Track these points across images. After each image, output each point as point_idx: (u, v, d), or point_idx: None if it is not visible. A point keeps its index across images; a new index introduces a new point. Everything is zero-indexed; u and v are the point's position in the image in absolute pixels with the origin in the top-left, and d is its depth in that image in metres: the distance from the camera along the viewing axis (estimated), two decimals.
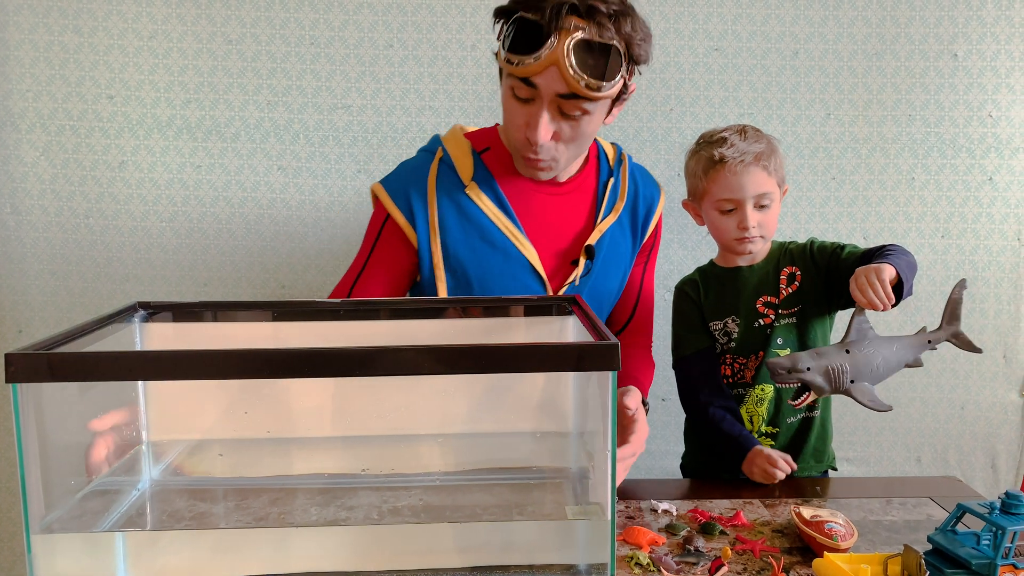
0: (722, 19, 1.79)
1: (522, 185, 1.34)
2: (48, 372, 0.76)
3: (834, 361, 1.21)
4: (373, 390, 1.06)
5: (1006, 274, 1.86)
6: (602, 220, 1.36)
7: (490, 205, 1.32)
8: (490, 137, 1.37)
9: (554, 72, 1.15)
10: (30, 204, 1.80)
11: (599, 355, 0.79)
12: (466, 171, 1.33)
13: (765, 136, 1.42)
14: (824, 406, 1.47)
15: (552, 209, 1.35)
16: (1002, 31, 1.78)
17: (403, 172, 1.36)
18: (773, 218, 1.42)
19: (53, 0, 1.74)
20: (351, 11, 1.77)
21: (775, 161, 1.39)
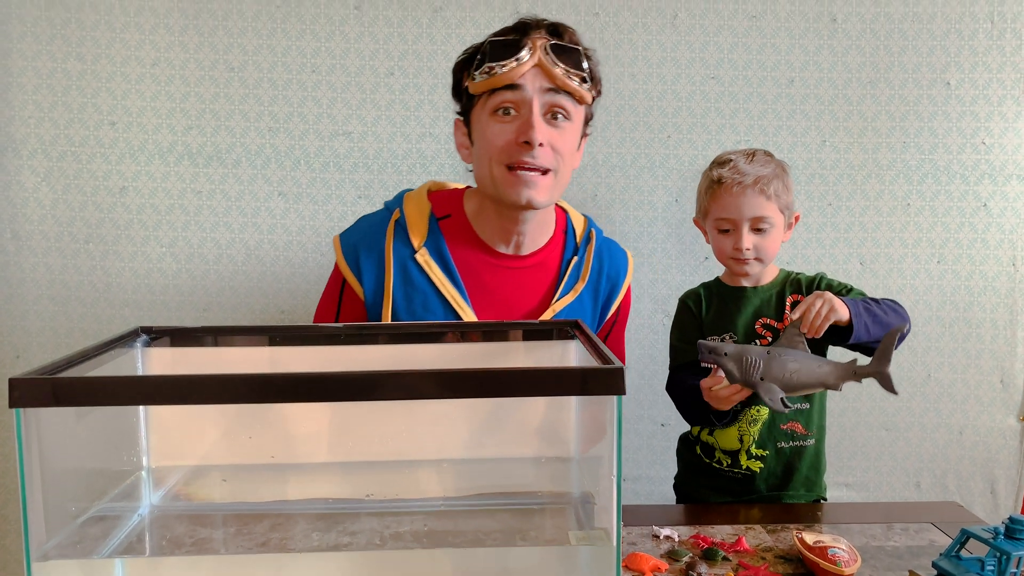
0: (718, 48, 1.81)
1: (477, 257, 1.33)
2: (52, 397, 0.76)
3: (751, 355, 1.26)
4: (375, 415, 1.06)
5: (1002, 299, 1.87)
6: (558, 299, 1.34)
7: (438, 272, 1.30)
8: (453, 203, 1.36)
9: (537, 71, 1.22)
10: (30, 229, 1.80)
11: (604, 379, 0.79)
12: (419, 235, 1.31)
13: (776, 162, 1.44)
14: (819, 436, 1.48)
15: (507, 283, 1.34)
16: (993, 60, 1.81)
17: (359, 230, 1.35)
18: (772, 242, 1.43)
19: (57, 28, 1.76)
20: (352, 39, 1.79)
21: (778, 187, 1.41)
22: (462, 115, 1.32)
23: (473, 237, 1.34)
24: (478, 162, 1.29)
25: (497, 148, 1.24)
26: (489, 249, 1.34)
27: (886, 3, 1.80)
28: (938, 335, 1.87)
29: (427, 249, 1.31)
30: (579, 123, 1.29)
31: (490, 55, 1.22)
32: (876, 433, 1.90)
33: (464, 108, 1.31)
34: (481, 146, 1.27)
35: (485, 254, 1.34)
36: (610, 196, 1.84)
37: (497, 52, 1.22)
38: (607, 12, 1.80)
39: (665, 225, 1.85)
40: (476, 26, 1.77)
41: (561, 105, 1.24)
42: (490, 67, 1.21)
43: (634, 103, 1.82)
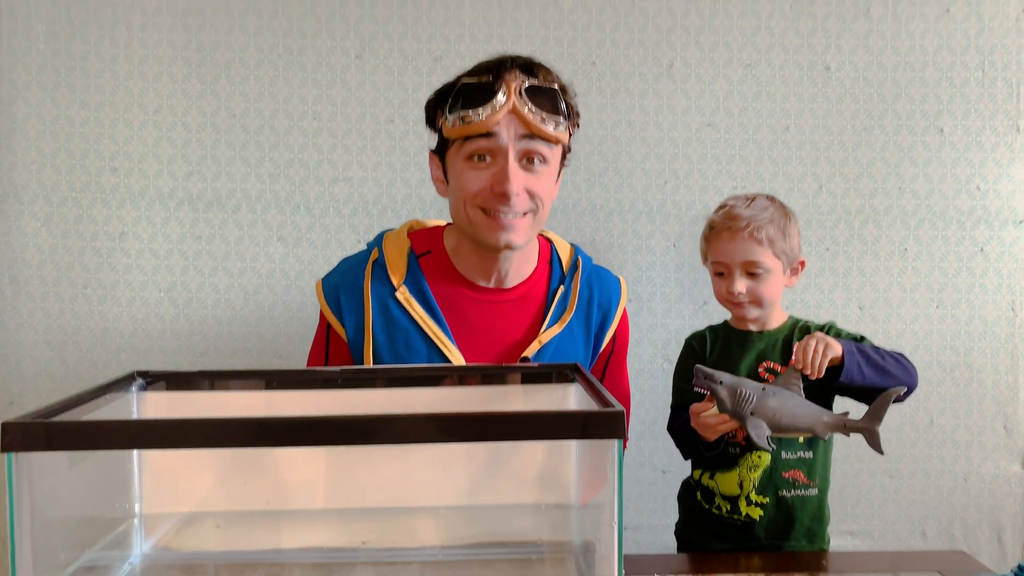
0: (714, 96, 1.84)
1: (459, 292, 1.31)
2: (45, 441, 0.75)
3: (746, 388, 1.26)
4: (371, 460, 1.05)
5: (1002, 344, 1.86)
6: (545, 331, 1.31)
7: (419, 310, 1.28)
8: (433, 240, 1.35)
9: (511, 117, 1.18)
10: (28, 274, 1.80)
11: (604, 423, 0.78)
12: (398, 273, 1.30)
13: (776, 207, 1.44)
14: (822, 487, 1.46)
15: (490, 317, 1.31)
16: (985, 107, 1.83)
17: (339, 272, 1.34)
18: (769, 287, 1.43)
19: (62, 76, 1.78)
20: (353, 88, 1.81)
21: (772, 232, 1.41)
22: (436, 151, 1.30)
23: (454, 272, 1.32)
24: (454, 202, 1.27)
25: (472, 194, 1.22)
26: (470, 284, 1.32)
27: (878, 52, 1.83)
28: (939, 380, 1.86)
29: (407, 287, 1.29)
30: (556, 163, 1.26)
31: (463, 101, 1.19)
32: (880, 480, 1.88)
33: (438, 146, 1.28)
34: (456, 190, 1.25)
35: (467, 289, 1.31)
36: (608, 241, 1.85)
37: (471, 97, 1.18)
38: (604, 61, 1.83)
39: (664, 270, 1.85)
40: None
41: (537, 151, 1.21)
42: (464, 115, 1.18)
43: (631, 150, 1.84)
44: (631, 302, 1.85)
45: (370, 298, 1.29)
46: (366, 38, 1.81)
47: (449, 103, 1.21)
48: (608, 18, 1.82)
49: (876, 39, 1.83)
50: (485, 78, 1.19)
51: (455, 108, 1.19)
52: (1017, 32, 1.82)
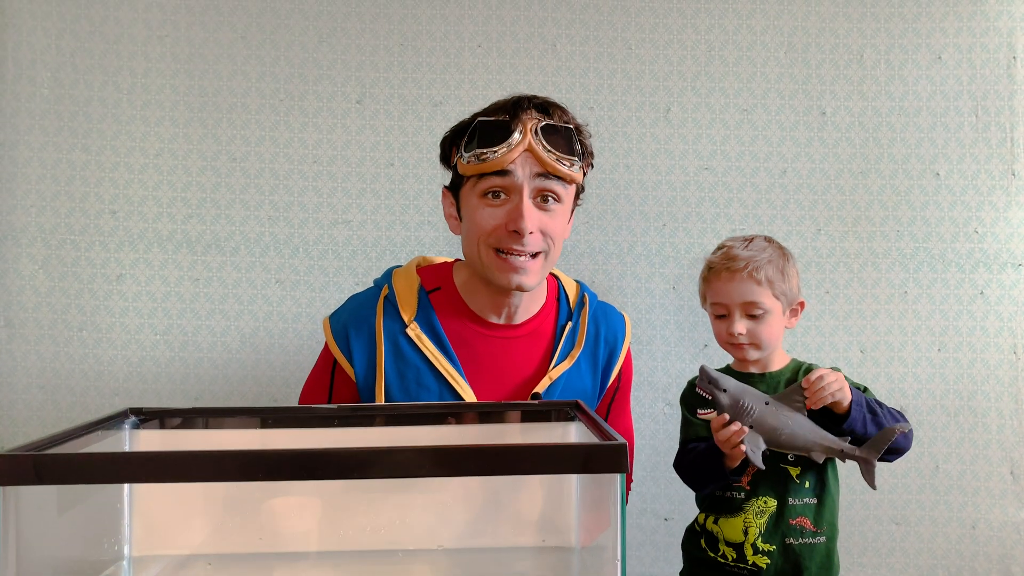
0: (711, 140, 1.85)
1: (469, 328, 1.31)
2: (34, 475, 0.74)
3: (749, 399, 1.24)
4: (368, 502, 1.02)
5: (1005, 388, 1.84)
6: (554, 367, 1.31)
7: (430, 346, 1.27)
8: (443, 276, 1.35)
9: (527, 155, 1.21)
10: (24, 317, 1.79)
11: (606, 456, 0.76)
12: (409, 310, 1.29)
13: (774, 248, 1.44)
14: (830, 535, 1.43)
15: (500, 353, 1.31)
16: (980, 152, 1.85)
17: (348, 309, 1.33)
18: (769, 328, 1.42)
19: (65, 121, 1.80)
20: (354, 132, 1.83)
21: (771, 272, 1.40)
22: (450, 188, 1.32)
23: (464, 309, 1.32)
24: (467, 240, 1.28)
25: (486, 232, 1.23)
26: (481, 320, 1.32)
27: (873, 97, 1.85)
28: (943, 425, 1.84)
29: (418, 323, 1.28)
30: (569, 202, 1.28)
31: (480, 139, 1.21)
32: (886, 527, 1.84)
33: (453, 183, 1.30)
34: (470, 227, 1.26)
35: (477, 325, 1.31)
36: (607, 283, 1.84)
37: (487, 136, 1.20)
38: (601, 106, 1.85)
39: (663, 312, 1.85)
40: None
41: (551, 190, 1.23)
42: (480, 153, 1.20)
43: (629, 192, 1.85)
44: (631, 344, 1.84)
45: (382, 335, 1.27)
46: (367, 84, 1.83)
47: (465, 140, 1.23)
48: (605, 64, 1.85)
49: (870, 85, 1.85)
50: (502, 116, 1.21)
51: (471, 146, 1.21)
52: (1008, 78, 1.85)
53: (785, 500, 1.40)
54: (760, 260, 1.40)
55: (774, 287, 1.41)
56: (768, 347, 1.44)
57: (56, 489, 0.85)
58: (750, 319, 1.41)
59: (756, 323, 1.41)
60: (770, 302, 1.41)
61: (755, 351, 1.43)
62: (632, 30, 1.85)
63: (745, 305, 1.40)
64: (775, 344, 1.45)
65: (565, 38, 1.85)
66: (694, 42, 1.86)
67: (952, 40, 1.86)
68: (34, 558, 0.82)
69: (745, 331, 1.40)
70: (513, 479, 1.02)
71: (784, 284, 1.43)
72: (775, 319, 1.42)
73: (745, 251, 1.42)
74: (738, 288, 1.40)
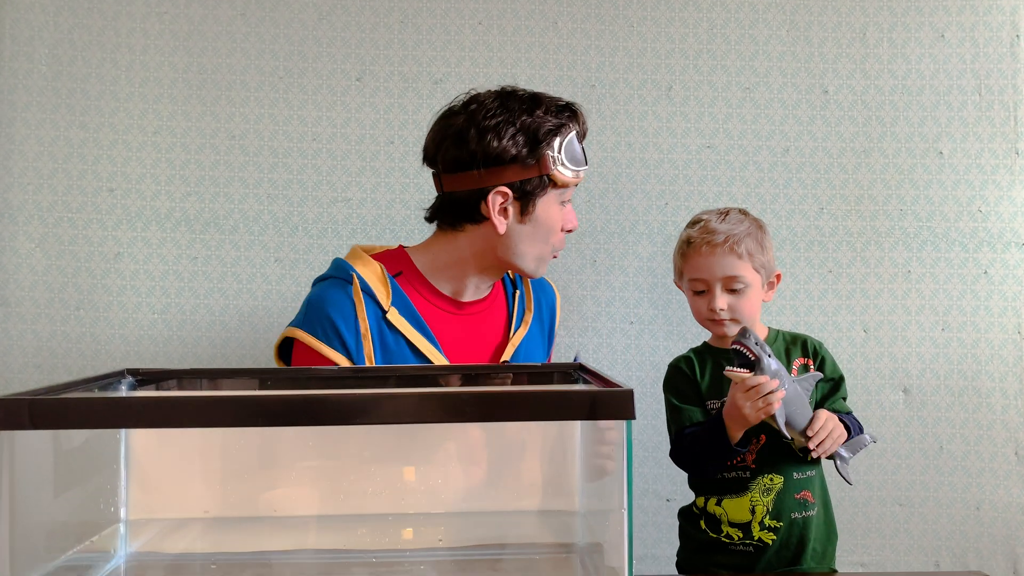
0: (713, 118, 1.84)
1: (439, 307, 1.36)
2: (28, 419, 0.72)
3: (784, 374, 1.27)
4: (370, 467, 1.01)
5: (1010, 368, 1.83)
6: (514, 333, 1.41)
7: (410, 329, 1.30)
8: (400, 261, 1.36)
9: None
10: (20, 296, 1.77)
11: (613, 402, 0.75)
12: (384, 296, 1.30)
13: (751, 220, 1.42)
14: (826, 501, 1.42)
15: (469, 329, 1.37)
16: (984, 131, 1.84)
17: (326, 311, 1.28)
18: (749, 302, 1.40)
19: (62, 98, 1.78)
20: (353, 109, 1.82)
21: (751, 245, 1.38)
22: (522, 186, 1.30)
23: (430, 290, 1.36)
24: (530, 240, 1.33)
25: (556, 232, 1.35)
26: (448, 299, 1.37)
27: (875, 76, 1.84)
28: (948, 405, 1.83)
29: (395, 308, 1.30)
30: None
31: (583, 155, 1.33)
32: (890, 509, 1.83)
33: (535, 186, 1.30)
34: (547, 227, 1.33)
35: (445, 304, 1.37)
36: (609, 262, 1.83)
37: (582, 153, 1.34)
38: (603, 84, 1.84)
39: (665, 292, 1.83)
40: None
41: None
42: (581, 169, 1.33)
43: (631, 171, 1.83)
44: (631, 324, 1.83)
45: (367, 324, 1.27)
46: (367, 61, 1.82)
47: (565, 152, 1.30)
48: (607, 42, 1.84)
49: (873, 63, 1.84)
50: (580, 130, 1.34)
51: (577, 160, 1.32)
52: (1012, 57, 1.84)
53: (790, 475, 1.39)
54: (740, 233, 1.38)
55: (754, 260, 1.39)
56: (748, 322, 1.42)
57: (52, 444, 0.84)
58: (731, 294, 1.39)
59: (737, 298, 1.39)
60: (751, 275, 1.39)
61: (735, 326, 1.40)
62: (634, 7, 1.84)
63: (726, 280, 1.38)
64: (755, 319, 1.43)
65: (566, 15, 1.84)
66: (696, 20, 1.85)
67: (955, 18, 1.85)
68: (30, 514, 0.81)
69: (727, 306, 1.38)
70: (517, 442, 1.00)
71: (763, 256, 1.41)
72: (755, 293, 1.41)
73: (723, 224, 1.39)
74: (719, 262, 1.38)
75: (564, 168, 1.29)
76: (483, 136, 1.26)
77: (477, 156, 1.27)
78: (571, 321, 1.82)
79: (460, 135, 1.28)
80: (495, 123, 1.26)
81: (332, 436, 0.94)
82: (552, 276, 1.60)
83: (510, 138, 1.26)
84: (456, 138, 1.29)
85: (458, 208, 1.32)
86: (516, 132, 1.26)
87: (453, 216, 1.34)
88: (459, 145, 1.28)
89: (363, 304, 1.28)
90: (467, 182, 1.29)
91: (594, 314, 1.83)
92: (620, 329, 1.84)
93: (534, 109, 1.28)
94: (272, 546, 0.96)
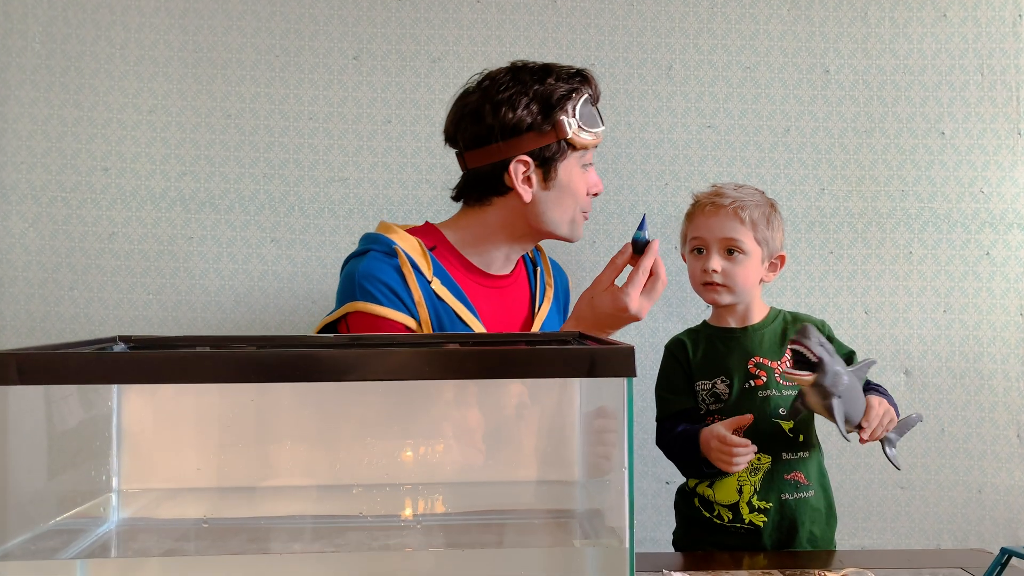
0: (714, 98, 1.83)
1: (475, 279, 1.38)
2: (16, 374, 0.70)
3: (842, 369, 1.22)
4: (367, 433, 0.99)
5: (1012, 349, 1.82)
6: (539, 308, 1.45)
7: (453, 300, 1.32)
8: (432, 235, 1.39)
9: None
10: (13, 275, 1.76)
11: (613, 359, 0.74)
12: (427, 268, 1.32)
13: (764, 197, 1.43)
14: (824, 485, 1.41)
15: (502, 300, 1.40)
16: (986, 111, 1.82)
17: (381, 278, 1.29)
18: (745, 272, 1.39)
19: (56, 76, 1.77)
20: (350, 88, 1.80)
21: (756, 215, 1.38)
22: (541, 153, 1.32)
23: (464, 263, 1.38)
24: (558, 206, 1.35)
25: (583, 195, 1.37)
26: (481, 272, 1.39)
27: (877, 55, 1.83)
28: (949, 387, 1.81)
29: (437, 279, 1.32)
30: None
31: (599, 116, 1.36)
32: (891, 491, 1.81)
33: (554, 152, 1.32)
34: (573, 191, 1.35)
35: (480, 276, 1.39)
36: (609, 243, 1.81)
37: (597, 115, 1.37)
38: (603, 63, 1.82)
39: (666, 272, 1.81)
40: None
41: None
42: (597, 130, 1.36)
43: (631, 151, 1.82)
44: None
45: (420, 292, 1.29)
46: (364, 39, 1.80)
47: (580, 115, 1.32)
48: (606, 21, 1.82)
49: (874, 43, 1.83)
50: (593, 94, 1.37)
51: (593, 123, 1.34)
52: (1015, 37, 1.83)
53: (779, 456, 1.38)
54: (747, 201, 1.39)
55: (756, 230, 1.38)
56: (741, 294, 1.40)
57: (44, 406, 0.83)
58: (727, 258, 1.38)
59: (732, 263, 1.38)
60: (750, 244, 1.38)
61: (728, 295, 1.39)
62: None
63: (724, 240, 1.38)
64: (750, 293, 1.42)
65: None
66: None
67: None
68: (21, 469, 0.79)
69: (720, 268, 1.37)
70: (516, 410, 0.99)
71: (767, 231, 1.40)
72: (752, 264, 1.39)
73: (734, 191, 1.41)
74: (720, 223, 1.38)
75: (580, 131, 1.32)
76: (498, 109, 1.30)
77: (495, 129, 1.30)
78: (571, 303, 1.81)
79: (477, 112, 1.32)
80: (509, 95, 1.30)
81: (328, 402, 0.92)
82: (552, 256, 1.58)
83: (524, 107, 1.30)
84: (473, 115, 1.33)
85: (483, 182, 1.35)
86: (530, 101, 1.30)
87: (480, 191, 1.36)
88: (476, 121, 1.32)
89: (412, 273, 1.29)
90: (488, 156, 1.32)
91: None
92: None
93: (545, 78, 1.31)
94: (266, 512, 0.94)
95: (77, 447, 0.93)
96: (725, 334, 1.44)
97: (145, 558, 0.79)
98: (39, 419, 0.84)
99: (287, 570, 0.79)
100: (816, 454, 1.41)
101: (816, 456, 1.41)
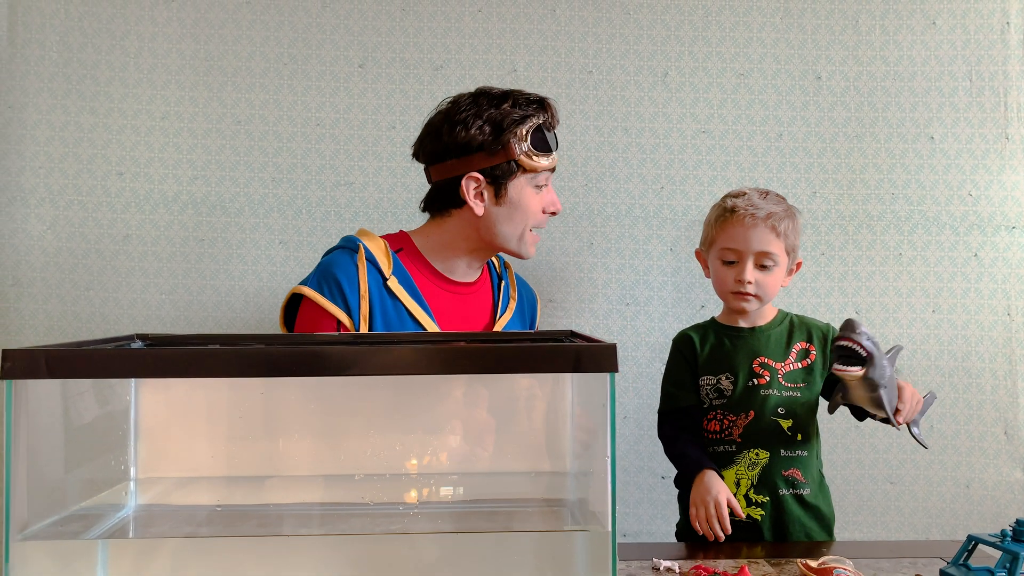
0: (708, 104, 1.88)
1: (435, 284, 1.47)
2: (45, 368, 0.76)
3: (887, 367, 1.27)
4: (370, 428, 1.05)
5: (999, 349, 1.86)
6: (500, 316, 1.53)
7: (408, 298, 1.42)
8: (401, 240, 1.50)
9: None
10: (32, 276, 1.82)
11: (597, 356, 0.79)
12: (386, 266, 1.42)
13: (787, 203, 1.48)
14: (821, 482, 1.45)
15: (459, 306, 1.49)
16: (974, 116, 1.87)
17: (333, 272, 1.41)
18: (774, 281, 1.44)
19: (73, 84, 1.83)
20: (356, 95, 1.86)
21: (787, 227, 1.43)
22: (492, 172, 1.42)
23: (427, 267, 1.48)
24: (508, 221, 1.45)
25: (535, 214, 1.46)
26: (444, 278, 1.49)
27: (868, 62, 1.88)
28: (938, 385, 1.86)
29: (395, 277, 1.42)
30: None
31: (551, 142, 1.44)
32: (881, 487, 1.86)
33: (504, 171, 1.42)
34: (523, 209, 1.45)
35: (441, 281, 1.48)
36: (606, 245, 1.87)
37: (551, 141, 1.45)
38: (600, 70, 1.87)
39: (660, 274, 1.87)
40: (475, 83, 1.83)
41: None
42: (549, 155, 1.43)
43: (627, 156, 1.87)
44: (628, 305, 1.87)
45: (367, 287, 1.39)
46: (369, 48, 1.86)
47: (530, 138, 1.41)
48: (604, 29, 1.88)
49: (865, 50, 1.88)
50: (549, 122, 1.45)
51: (543, 146, 1.42)
52: (1002, 44, 1.87)
53: (777, 452, 1.42)
54: (780, 212, 1.43)
55: (787, 241, 1.43)
56: (768, 300, 1.46)
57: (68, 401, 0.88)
58: (760, 269, 1.43)
59: (764, 274, 1.43)
60: (781, 255, 1.43)
61: (756, 303, 1.45)
62: None
63: (759, 255, 1.42)
64: (773, 298, 1.48)
65: (565, 3, 1.88)
66: (691, 7, 1.88)
67: (946, 5, 1.88)
68: (44, 459, 0.85)
69: (755, 280, 1.42)
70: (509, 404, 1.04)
71: (795, 240, 1.46)
72: (780, 273, 1.45)
73: (764, 201, 1.44)
74: (757, 235, 1.41)
75: (531, 153, 1.41)
76: (453, 128, 1.42)
77: (450, 147, 1.43)
78: (568, 303, 1.87)
79: (437, 130, 1.45)
80: (464, 116, 1.41)
81: (333, 397, 0.98)
82: (549, 258, 1.65)
83: (477, 128, 1.40)
84: (434, 133, 1.45)
85: (443, 195, 1.46)
86: (483, 123, 1.40)
87: (440, 203, 1.48)
88: (435, 139, 1.45)
89: (366, 270, 1.40)
90: (446, 171, 1.44)
91: (591, 296, 1.87)
92: (616, 311, 1.87)
93: (502, 103, 1.42)
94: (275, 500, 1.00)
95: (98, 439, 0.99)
96: (733, 332, 1.48)
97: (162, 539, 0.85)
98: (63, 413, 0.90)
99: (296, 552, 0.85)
100: (814, 453, 1.45)
101: (814, 455, 1.45)
